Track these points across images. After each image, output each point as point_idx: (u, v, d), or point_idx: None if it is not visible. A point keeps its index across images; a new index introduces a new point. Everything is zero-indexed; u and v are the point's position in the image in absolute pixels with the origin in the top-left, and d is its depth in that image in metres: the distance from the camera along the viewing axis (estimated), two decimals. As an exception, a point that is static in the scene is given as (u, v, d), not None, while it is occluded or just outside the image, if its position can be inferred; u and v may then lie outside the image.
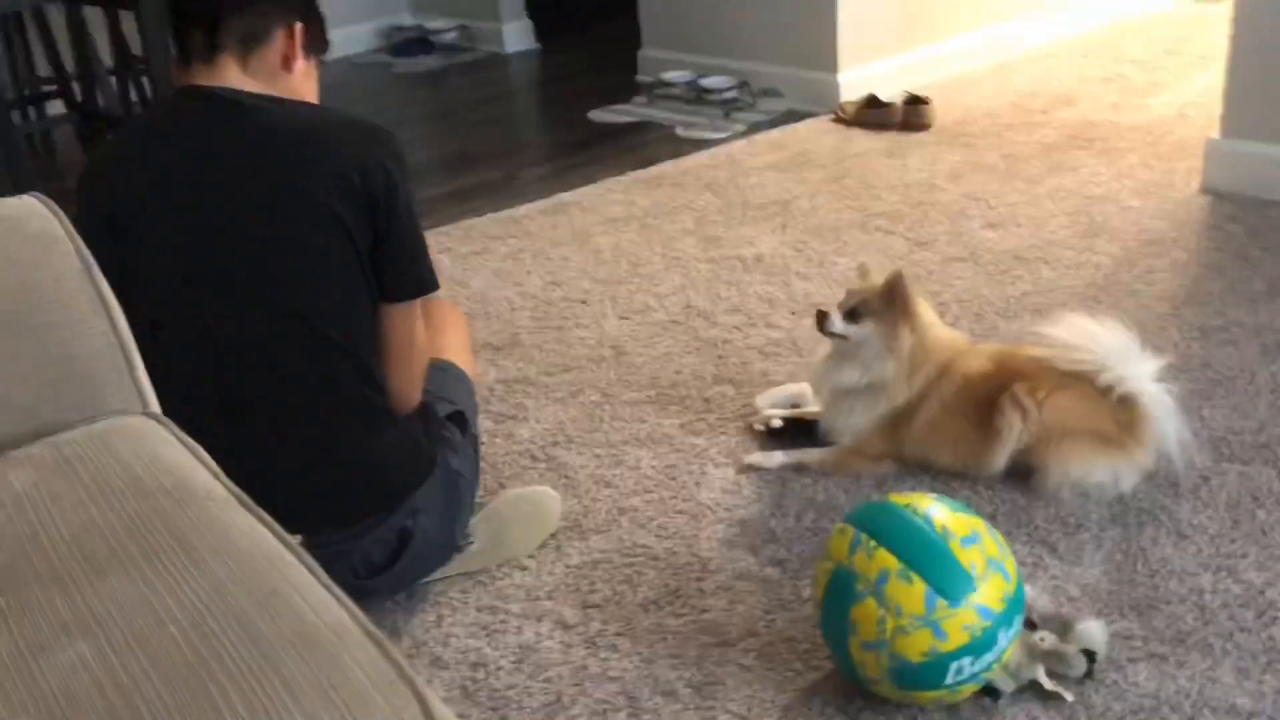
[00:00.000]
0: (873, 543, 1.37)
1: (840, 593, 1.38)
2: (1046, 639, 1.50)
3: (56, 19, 3.87)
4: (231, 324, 1.45)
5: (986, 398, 1.84)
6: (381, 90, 4.79)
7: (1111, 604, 1.59)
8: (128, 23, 3.75)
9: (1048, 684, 1.45)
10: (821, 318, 1.89)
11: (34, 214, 1.14)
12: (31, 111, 3.99)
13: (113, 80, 3.81)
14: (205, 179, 1.43)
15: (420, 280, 1.55)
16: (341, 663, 0.74)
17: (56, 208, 1.16)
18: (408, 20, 5.39)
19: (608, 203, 3.21)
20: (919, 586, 1.33)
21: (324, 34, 1.63)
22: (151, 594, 0.80)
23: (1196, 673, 1.47)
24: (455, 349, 1.92)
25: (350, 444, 1.52)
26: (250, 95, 1.49)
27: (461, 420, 1.74)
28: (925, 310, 1.89)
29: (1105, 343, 1.79)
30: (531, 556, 1.79)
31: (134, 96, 3.81)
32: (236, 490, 0.98)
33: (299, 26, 1.56)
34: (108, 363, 1.14)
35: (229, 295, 1.44)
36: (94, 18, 3.83)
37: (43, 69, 3.96)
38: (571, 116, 4.12)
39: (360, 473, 1.54)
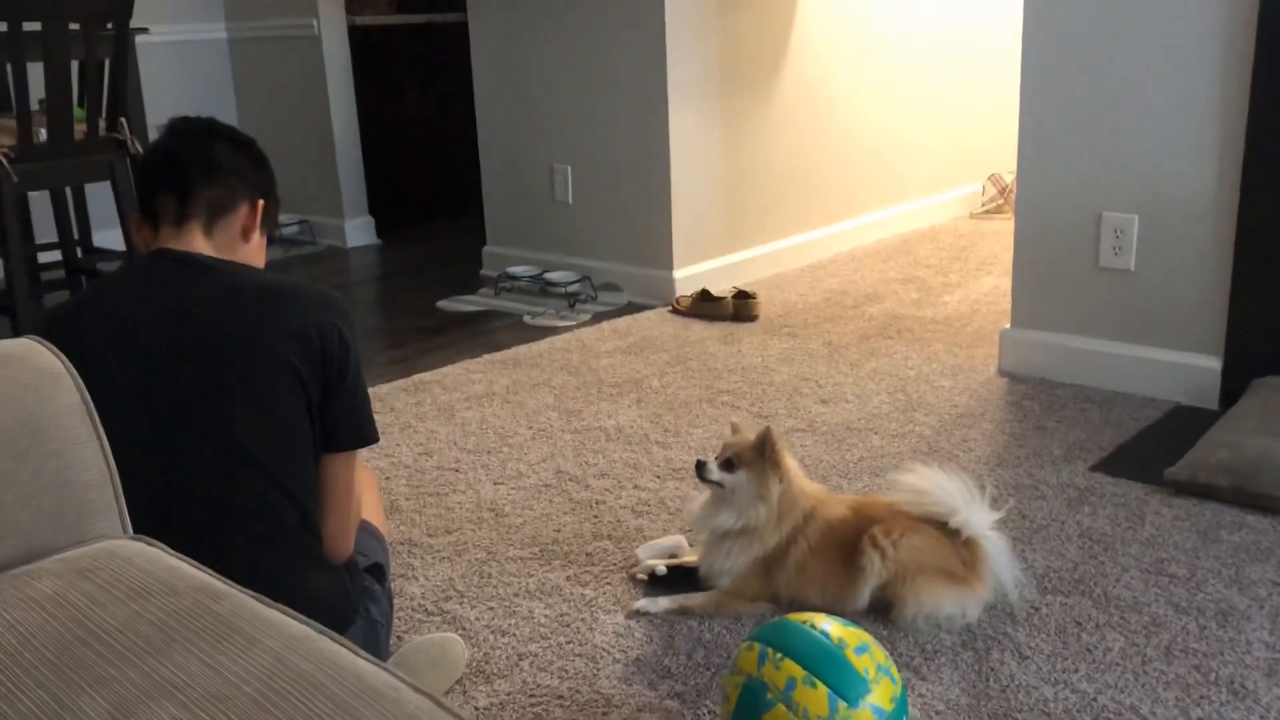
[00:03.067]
0: (779, 655, 1.54)
1: (752, 703, 1.54)
2: (923, 745, 1.68)
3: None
4: (181, 461, 1.53)
5: (847, 540, 2.07)
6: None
7: (972, 716, 1.80)
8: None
9: (929, 784, 1.62)
10: (700, 466, 2.10)
11: (34, 353, 1.23)
12: None
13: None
14: (176, 331, 1.53)
15: (362, 432, 1.67)
16: (407, 709, 0.85)
17: (54, 348, 1.25)
18: (247, 214, 5.52)
19: (468, 381, 3.38)
20: (822, 691, 1.50)
21: (278, 213, 1.78)
22: (218, 665, 0.89)
23: (1051, 769, 1.67)
24: (370, 506, 2.02)
25: (286, 587, 1.58)
26: (221, 260, 1.62)
27: (380, 572, 1.83)
28: (791, 462, 2.13)
29: (953, 491, 2.06)
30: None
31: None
32: (252, 592, 1.07)
33: (261, 203, 1.71)
34: (99, 490, 1.22)
35: (186, 438, 1.53)
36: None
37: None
38: (420, 305, 4.32)
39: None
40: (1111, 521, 2.41)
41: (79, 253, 4.41)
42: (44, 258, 4.40)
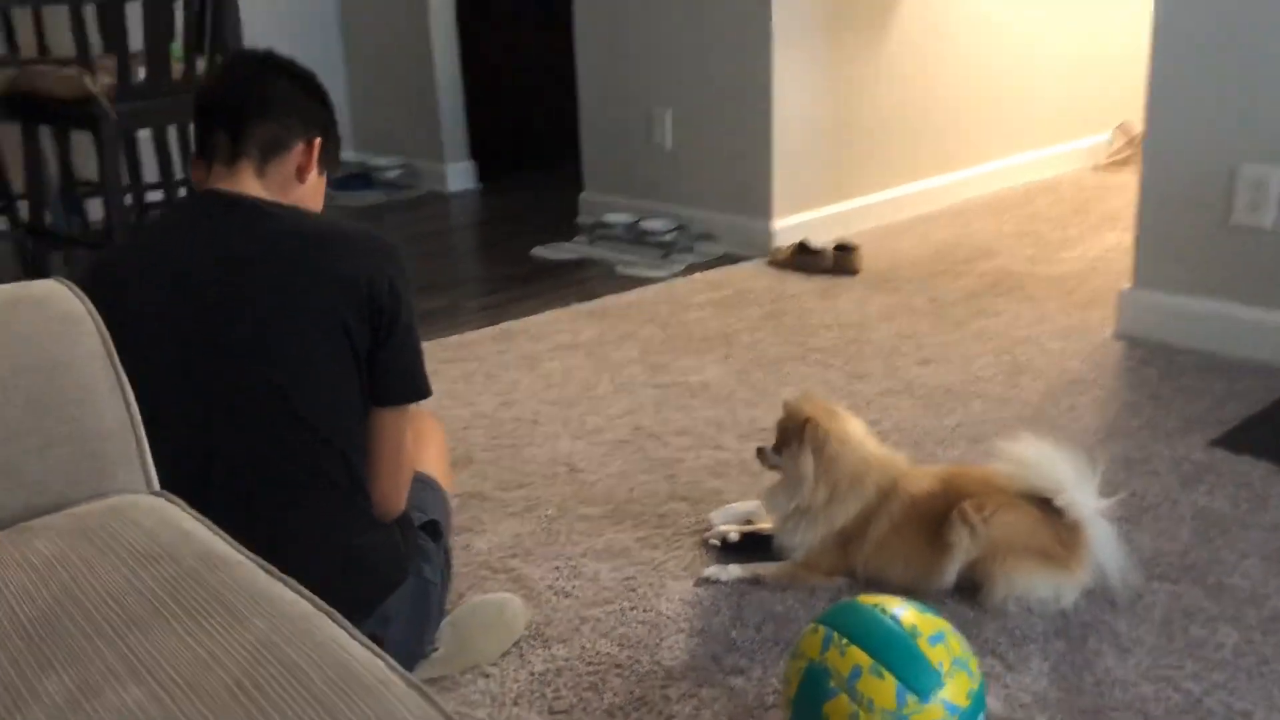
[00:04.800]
0: (844, 640, 1.43)
1: (813, 690, 1.43)
2: (1004, 742, 1.55)
3: (9, 139, 3.91)
4: (225, 414, 1.48)
5: (934, 515, 1.93)
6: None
7: (1061, 710, 1.66)
8: (79, 145, 3.82)
9: (1007, 785, 1.50)
10: (759, 453, 2.03)
11: (58, 295, 1.17)
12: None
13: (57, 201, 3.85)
14: (218, 277, 1.48)
15: (413, 386, 1.60)
16: (390, 706, 0.77)
17: (79, 291, 1.20)
18: (351, 156, 5.53)
19: (554, 331, 3.31)
20: (890, 682, 1.39)
21: (339, 152, 1.71)
22: (198, 645, 0.82)
23: (1145, 775, 1.53)
24: (432, 461, 1.96)
25: (332, 543, 1.54)
26: (271, 203, 1.56)
27: (435, 530, 1.77)
28: (854, 441, 1.97)
29: (1062, 466, 1.90)
30: (494, 664, 1.80)
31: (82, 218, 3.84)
32: (262, 561, 1.01)
33: (318, 141, 1.64)
34: (119, 442, 1.16)
35: (228, 388, 1.48)
36: (47, 138, 3.89)
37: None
38: (514, 252, 4.25)
39: (339, 573, 1.55)
40: (1231, 503, 2.21)
41: (182, 193, 4.45)
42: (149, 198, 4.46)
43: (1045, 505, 1.91)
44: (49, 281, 1.20)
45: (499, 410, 2.77)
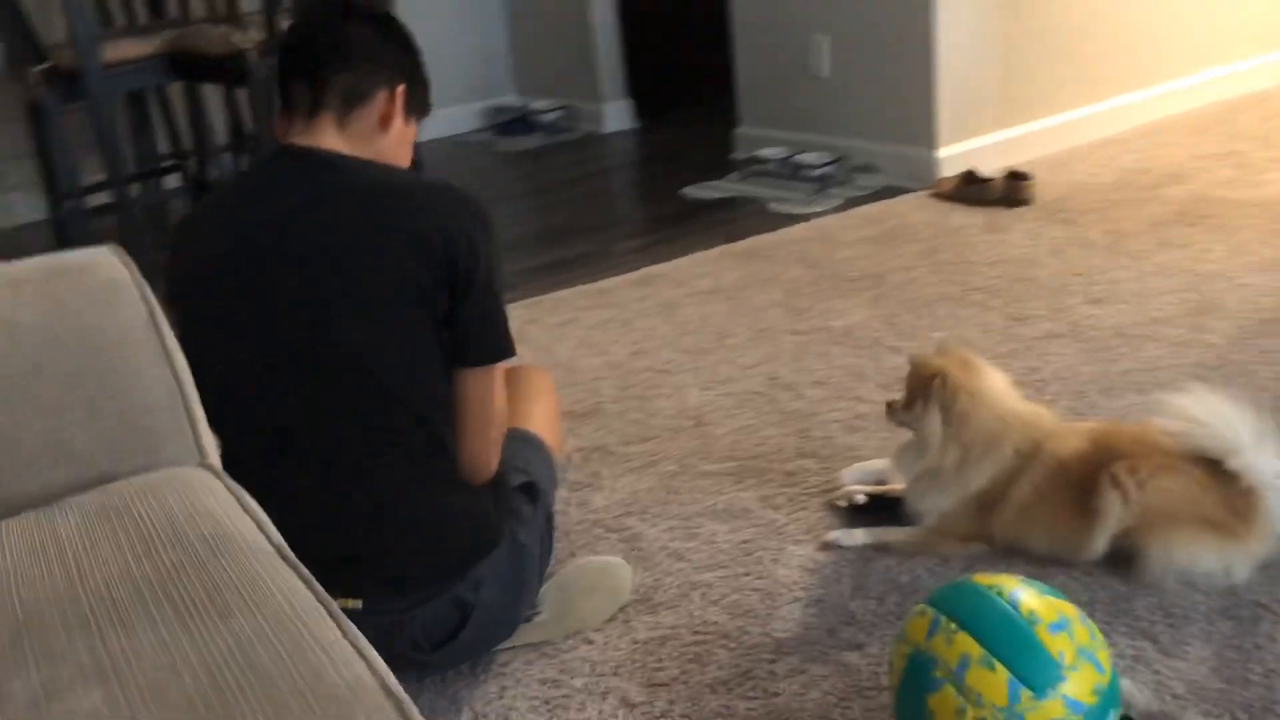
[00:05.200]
0: (953, 626, 1.29)
1: (917, 679, 1.29)
2: (1147, 739, 1.38)
3: (177, 97, 4.06)
4: (298, 378, 1.45)
5: (1083, 480, 1.74)
6: (485, 167, 4.90)
7: (1221, 704, 1.46)
8: (243, 100, 3.92)
9: (1148, 788, 1.33)
10: (889, 408, 1.87)
11: (104, 263, 1.15)
12: (150, 185, 4.16)
13: (227, 155, 3.97)
14: (289, 234, 1.44)
15: (497, 347, 1.53)
16: (352, 718, 0.70)
17: (128, 258, 1.17)
18: (513, 101, 5.52)
19: (696, 275, 3.19)
20: (1002, 675, 1.24)
21: (427, 97, 1.64)
22: (174, 644, 0.78)
23: (1317, 785, 1.33)
24: (539, 418, 1.90)
25: (411, 508, 1.50)
26: (346, 158, 1.50)
27: (533, 491, 1.70)
28: (990, 396, 1.79)
29: (1238, 424, 1.67)
30: (598, 629, 1.73)
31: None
32: (280, 544, 0.96)
33: (401, 88, 1.57)
34: (167, 414, 1.13)
35: (301, 350, 1.44)
36: (212, 95, 4.01)
37: (162, 145, 4.14)
38: (665, 192, 4.14)
39: (420, 539, 1.51)
40: None
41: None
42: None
43: (1215, 468, 1.69)
44: (99, 249, 1.17)
45: (632, 360, 2.69)
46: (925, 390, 1.78)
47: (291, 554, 0.94)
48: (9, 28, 3.50)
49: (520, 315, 2.99)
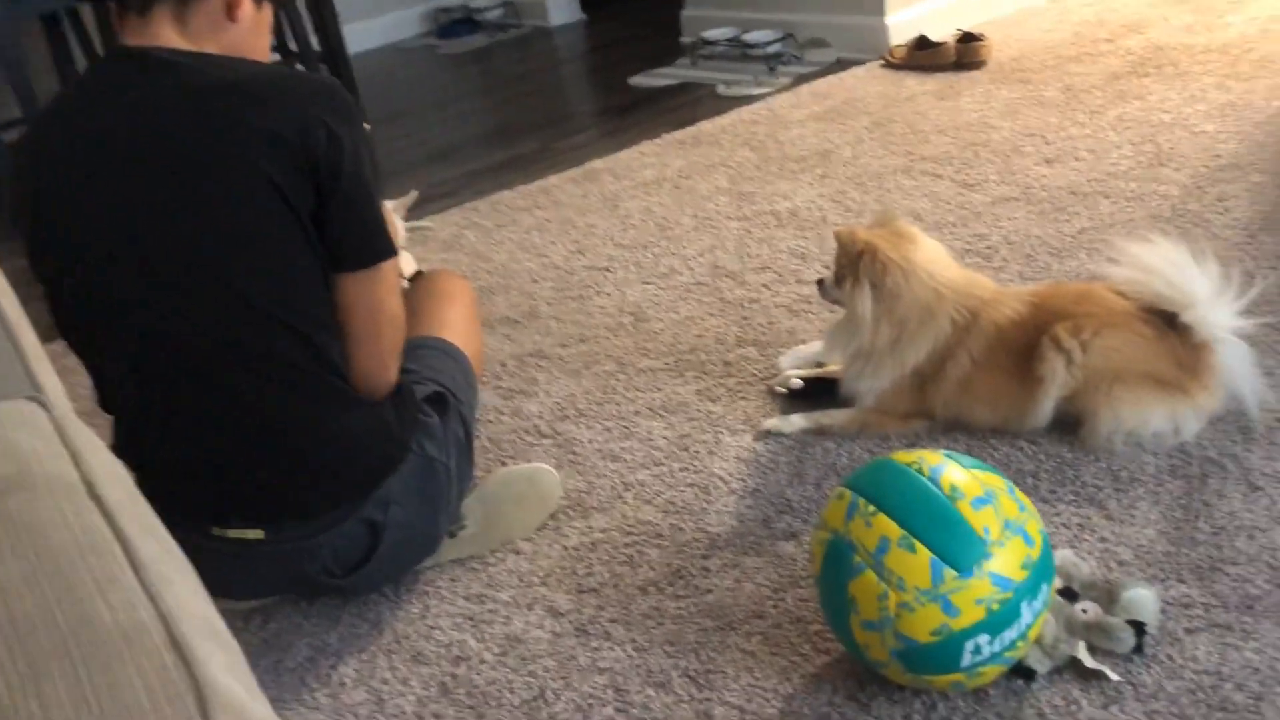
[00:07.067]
0: (871, 508, 1.21)
1: (837, 566, 1.22)
2: (1088, 610, 1.32)
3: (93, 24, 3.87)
4: (163, 301, 1.34)
5: (1024, 346, 1.65)
6: (427, 72, 4.71)
7: (1168, 568, 1.40)
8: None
9: (1089, 661, 1.27)
10: (819, 285, 1.76)
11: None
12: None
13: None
14: (129, 145, 1.32)
15: (372, 246, 1.41)
16: (116, 672, 0.62)
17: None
18: (453, 1, 5.30)
19: (640, 166, 3.06)
20: (923, 555, 1.16)
21: None
22: (-66, 597, 0.69)
23: (1267, 644, 1.27)
24: (454, 323, 1.79)
25: (301, 429, 1.40)
26: (183, 53, 1.37)
27: (444, 401, 1.61)
28: (923, 269, 1.67)
29: (1193, 274, 1.57)
30: (528, 539, 1.66)
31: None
32: (95, 479, 0.86)
33: None
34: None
35: (157, 270, 1.33)
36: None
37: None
38: (613, 83, 3.98)
39: (316, 460, 1.42)
40: None
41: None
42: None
43: (1161, 323, 1.59)
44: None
45: (570, 259, 2.58)
46: (854, 266, 1.68)
47: (110, 489, 0.85)
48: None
49: (457, 220, 2.88)
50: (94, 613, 0.67)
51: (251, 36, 1.44)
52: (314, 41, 3.78)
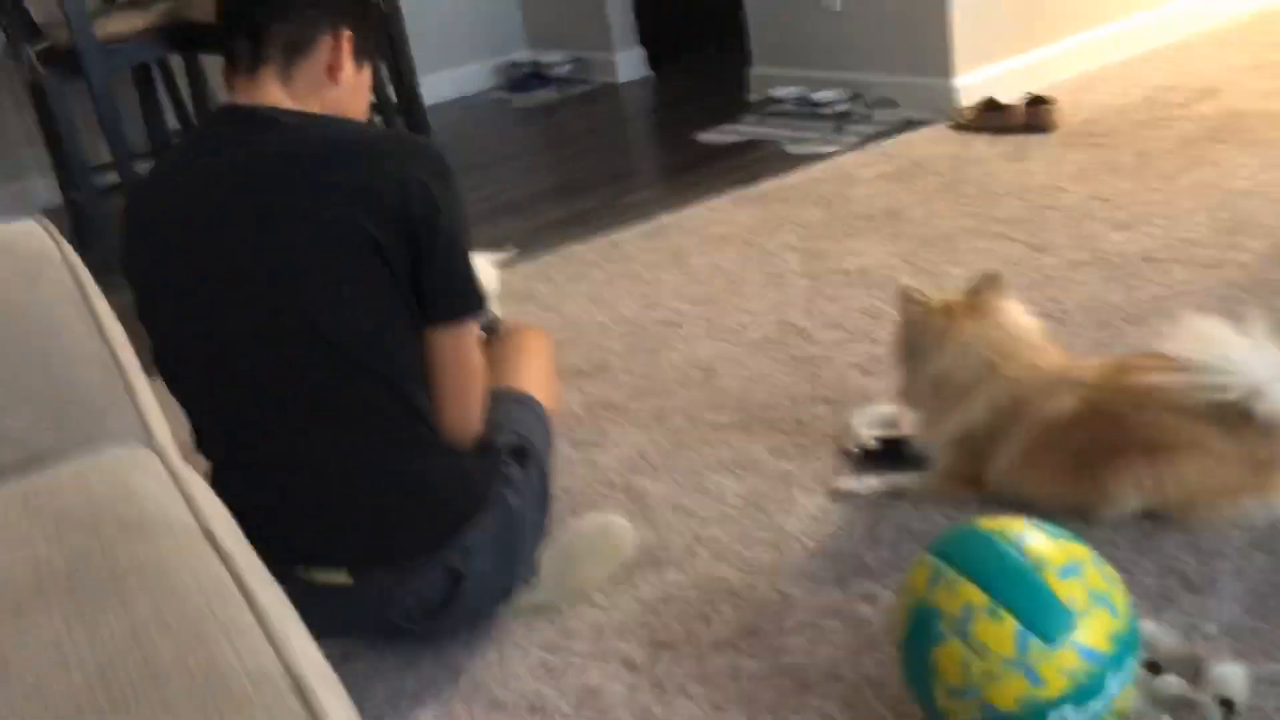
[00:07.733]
0: (955, 575, 1.20)
1: (921, 633, 1.22)
2: (1173, 684, 1.29)
3: (180, 72, 4.01)
4: (260, 350, 1.38)
5: (1080, 446, 1.60)
6: (498, 126, 4.81)
7: (1256, 644, 1.37)
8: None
9: (1175, 737, 1.24)
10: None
11: (30, 237, 1.09)
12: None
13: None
14: (232, 198, 1.37)
15: (465, 301, 1.46)
16: (248, 716, 0.64)
17: (55, 231, 1.11)
18: (524, 56, 5.41)
19: (709, 222, 3.10)
20: (1009, 624, 1.16)
21: (376, 41, 1.55)
22: (66, 636, 0.72)
23: (1360, 726, 1.24)
24: (532, 376, 1.83)
25: (387, 476, 1.43)
26: (288, 113, 1.43)
27: (524, 454, 1.63)
28: (982, 334, 1.65)
29: (1256, 362, 1.52)
30: (602, 591, 1.67)
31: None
32: (213, 526, 0.89)
33: (347, 34, 1.49)
34: (105, 391, 1.08)
35: (255, 320, 1.38)
36: (213, 66, 3.95)
37: (171, 121, 4.10)
38: (680, 139, 4.03)
39: (399, 507, 1.45)
40: None
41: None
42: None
43: (1231, 419, 1.53)
44: (27, 222, 1.11)
45: (641, 313, 2.61)
46: (916, 327, 1.68)
47: (225, 534, 0.88)
48: (2, 7, 3.46)
49: (530, 274, 2.92)
50: (220, 657, 0.69)
51: (351, 96, 1.50)
52: (391, 93, 3.89)
